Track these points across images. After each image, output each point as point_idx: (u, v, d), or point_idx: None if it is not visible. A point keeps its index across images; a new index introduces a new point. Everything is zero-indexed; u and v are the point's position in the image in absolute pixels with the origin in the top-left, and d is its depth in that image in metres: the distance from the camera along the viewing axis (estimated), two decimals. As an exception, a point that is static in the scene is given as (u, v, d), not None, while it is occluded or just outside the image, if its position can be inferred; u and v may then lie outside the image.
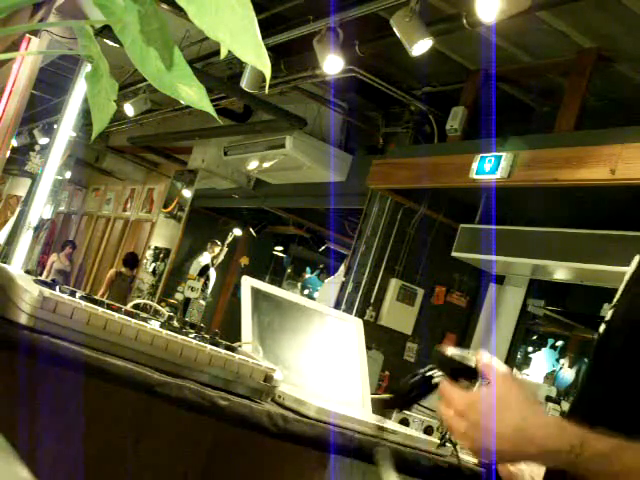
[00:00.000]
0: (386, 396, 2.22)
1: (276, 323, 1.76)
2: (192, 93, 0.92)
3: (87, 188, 13.24)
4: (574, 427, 0.97)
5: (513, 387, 1.02)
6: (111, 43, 4.08)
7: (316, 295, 8.80)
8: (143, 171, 11.22)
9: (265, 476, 1.71)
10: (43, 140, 8.38)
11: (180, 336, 1.29)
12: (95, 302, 1.26)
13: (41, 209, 4.07)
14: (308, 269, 10.85)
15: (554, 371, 6.39)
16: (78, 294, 1.27)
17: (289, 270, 11.03)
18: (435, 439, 1.68)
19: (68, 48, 3.78)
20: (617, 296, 1.17)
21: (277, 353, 1.70)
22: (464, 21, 3.99)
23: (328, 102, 6.45)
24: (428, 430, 1.80)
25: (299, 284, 10.76)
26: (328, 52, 4.48)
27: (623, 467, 0.94)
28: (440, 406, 1.05)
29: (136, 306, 1.53)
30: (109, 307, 1.28)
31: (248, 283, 1.76)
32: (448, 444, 1.41)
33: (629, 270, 1.16)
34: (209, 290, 9.51)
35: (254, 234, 10.10)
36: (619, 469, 0.94)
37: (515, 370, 5.69)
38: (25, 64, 3.54)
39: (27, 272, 1.39)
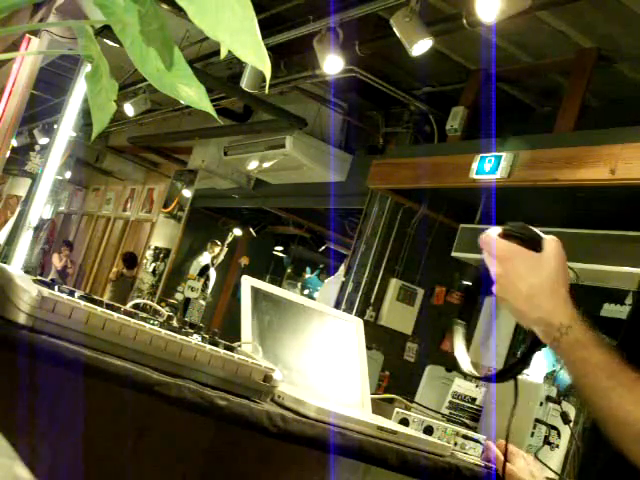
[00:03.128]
0: (387, 396, 2.22)
1: (276, 323, 1.76)
2: (192, 93, 0.92)
3: (87, 188, 13.24)
4: (573, 309, 1.04)
5: (554, 259, 1.08)
6: (111, 43, 4.08)
7: (316, 295, 8.80)
8: (143, 171, 11.22)
9: (265, 476, 1.71)
10: (43, 140, 8.38)
11: (179, 336, 1.29)
12: (94, 302, 1.26)
13: (41, 209, 4.07)
14: (308, 269, 10.86)
15: (554, 371, 6.39)
16: (77, 294, 1.27)
17: (289, 270, 11.03)
18: (435, 439, 1.68)
19: (68, 48, 3.78)
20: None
21: (277, 353, 1.70)
22: (464, 21, 3.99)
23: (328, 102, 6.45)
24: (428, 430, 1.80)
25: (299, 284, 10.76)
26: (328, 52, 4.49)
27: (591, 367, 0.98)
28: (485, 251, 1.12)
29: (136, 306, 1.53)
30: (108, 307, 1.28)
31: (248, 283, 1.76)
32: None
33: None
34: (209, 290, 9.51)
35: (254, 234, 10.10)
36: (588, 360, 0.99)
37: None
38: (25, 64, 3.54)
39: (26, 272, 1.39)
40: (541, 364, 6.36)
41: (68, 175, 8.50)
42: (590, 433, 1.17)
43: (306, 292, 10.37)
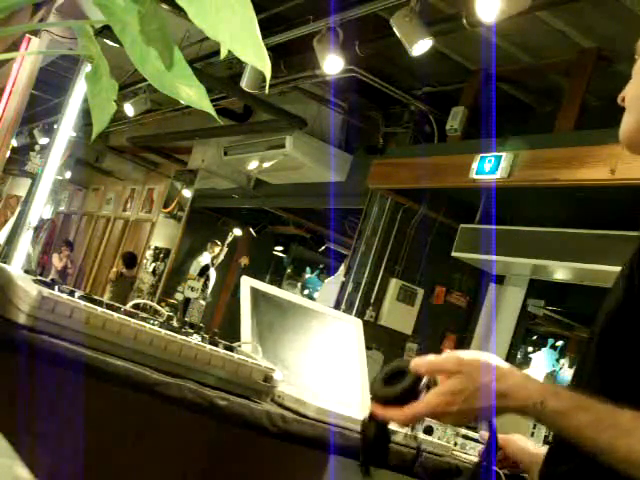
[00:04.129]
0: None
1: (276, 323, 1.76)
2: (192, 93, 0.92)
3: (87, 188, 13.24)
4: (537, 384, 1.05)
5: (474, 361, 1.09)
6: (111, 43, 4.07)
7: (316, 295, 8.80)
8: (143, 171, 11.22)
9: (265, 476, 1.71)
10: (43, 140, 8.38)
11: (179, 336, 1.29)
12: (94, 302, 1.26)
13: (41, 209, 4.06)
14: (308, 269, 10.86)
15: (554, 371, 6.39)
16: (77, 294, 1.27)
17: (289, 270, 11.03)
18: (435, 439, 1.68)
19: (68, 48, 3.78)
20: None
21: (277, 353, 1.70)
22: (464, 21, 3.99)
23: (328, 102, 6.45)
24: (428, 430, 1.80)
25: (299, 284, 10.76)
26: (328, 52, 4.48)
27: (579, 424, 1.00)
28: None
29: (136, 306, 1.53)
30: (108, 307, 1.28)
31: (247, 283, 1.76)
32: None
33: None
34: (209, 290, 9.51)
35: (254, 234, 10.10)
36: (575, 425, 1.00)
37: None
38: (25, 64, 3.54)
39: (26, 272, 1.39)
40: (541, 364, 6.36)
41: (68, 175, 8.52)
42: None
43: (306, 292, 10.37)
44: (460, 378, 1.06)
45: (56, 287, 1.24)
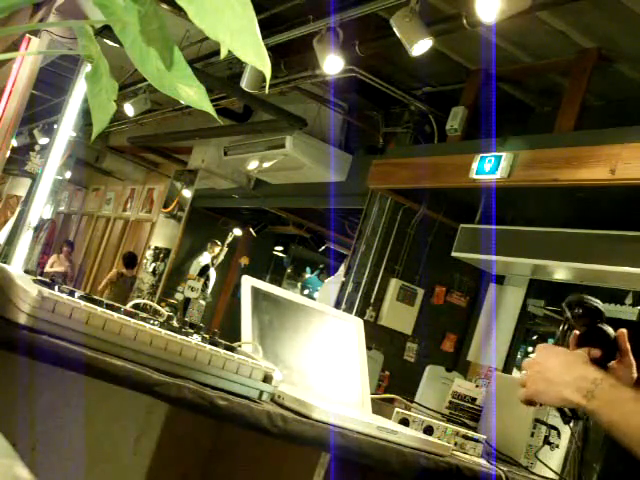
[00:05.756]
0: (387, 396, 2.22)
1: (276, 323, 1.76)
2: (192, 93, 0.92)
3: (87, 188, 13.24)
4: (594, 372, 1.22)
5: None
6: (111, 43, 4.08)
7: (316, 295, 8.80)
8: (143, 171, 11.22)
9: (265, 476, 1.71)
10: (43, 140, 8.38)
11: (179, 336, 1.29)
12: (94, 302, 1.26)
13: (41, 209, 4.06)
14: (308, 269, 10.85)
15: (554, 371, 6.37)
16: (77, 294, 1.27)
17: (289, 270, 11.03)
18: (435, 439, 1.68)
19: (68, 48, 3.78)
20: None
21: (277, 353, 1.70)
22: (464, 21, 3.99)
23: (328, 102, 6.45)
24: (428, 430, 1.80)
25: (299, 284, 10.76)
26: (328, 52, 4.48)
27: (620, 416, 1.13)
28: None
29: (136, 306, 1.53)
30: (108, 307, 1.28)
31: (248, 283, 1.76)
32: None
33: None
34: (209, 290, 9.51)
35: (254, 234, 10.10)
36: (616, 418, 1.14)
37: (515, 370, 5.69)
38: (25, 64, 3.54)
39: (26, 272, 1.39)
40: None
41: (68, 175, 8.51)
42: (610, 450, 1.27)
43: (306, 292, 10.37)
44: None
45: (56, 287, 1.24)
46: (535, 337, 6.26)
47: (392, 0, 3.97)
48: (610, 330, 1.32)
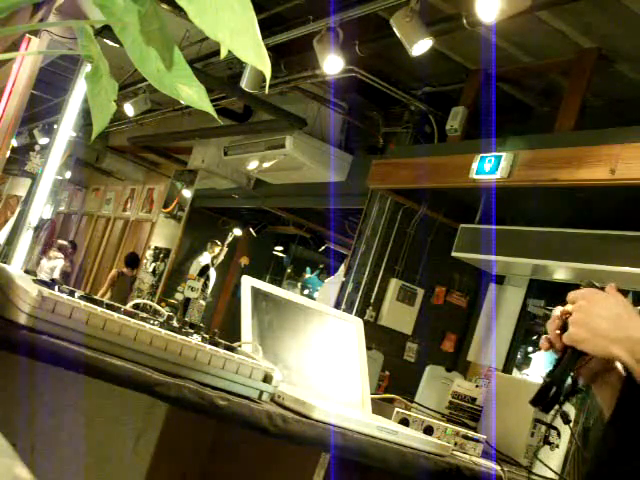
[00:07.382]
0: (387, 396, 2.22)
1: (276, 323, 1.76)
2: (192, 93, 0.92)
3: (87, 188, 13.23)
4: None
5: (619, 295, 1.28)
6: (111, 43, 4.08)
7: (316, 295, 8.79)
8: (143, 171, 11.21)
9: (265, 476, 1.71)
10: (43, 140, 8.37)
11: (179, 336, 1.29)
12: (94, 302, 1.26)
13: (41, 209, 4.07)
14: (308, 269, 10.85)
15: (554, 371, 6.37)
16: (77, 294, 1.27)
17: (289, 270, 11.02)
18: (435, 439, 1.68)
19: (68, 48, 3.78)
20: None
21: (277, 353, 1.70)
22: (464, 21, 3.99)
23: (328, 102, 6.45)
24: (428, 430, 1.80)
25: (299, 284, 10.75)
26: (328, 52, 4.48)
27: None
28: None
29: (136, 306, 1.53)
30: (108, 307, 1.28)
31: (248, 283, 1.76)
32: None
33: None
34: (209, 290, 9.50)
35: (254, 234, 10.10)
36: None
37: (515, 370, 5.69)
38: (25, 64, 3.54)
39: (26, 272, 1.39)
40: (541, 364, 6.36)
41: (68, 175, 8.52)
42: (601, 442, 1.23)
43: (306, 292, 10.36)
44: None
45: (56, 287, 1.24)
46: (535, 337, 6.26)
47: (392, 0, 3.97)
48: None
